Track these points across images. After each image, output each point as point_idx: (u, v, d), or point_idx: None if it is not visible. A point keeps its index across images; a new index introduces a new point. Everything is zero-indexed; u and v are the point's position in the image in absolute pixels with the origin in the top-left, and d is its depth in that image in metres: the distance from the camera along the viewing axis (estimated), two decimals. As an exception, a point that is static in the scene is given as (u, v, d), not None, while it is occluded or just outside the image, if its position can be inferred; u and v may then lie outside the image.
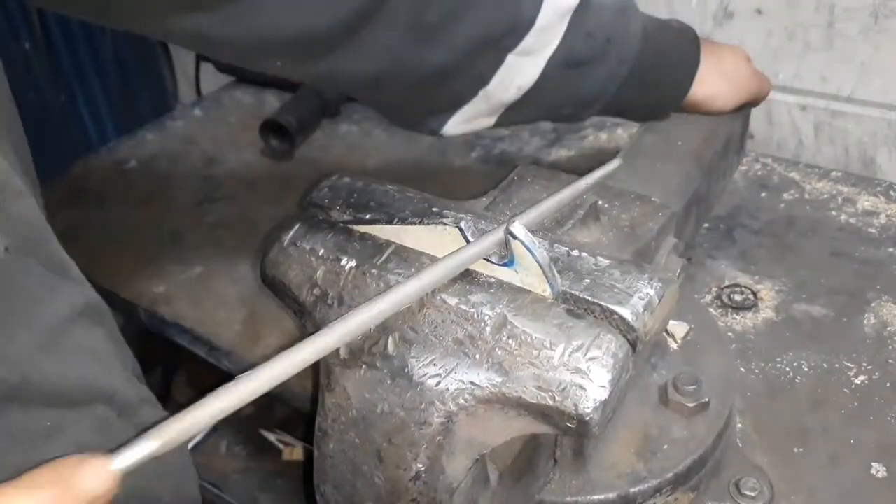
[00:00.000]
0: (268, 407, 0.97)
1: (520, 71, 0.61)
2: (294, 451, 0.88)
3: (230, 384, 0.34)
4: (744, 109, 0.79)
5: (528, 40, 0.59)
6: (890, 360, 0.65)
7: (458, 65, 0.59)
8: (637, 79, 0.66)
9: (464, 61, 0.59)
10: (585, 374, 0.41)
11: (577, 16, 0.61)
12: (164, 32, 0.54)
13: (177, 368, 1.03)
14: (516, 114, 0.66)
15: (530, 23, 0.58)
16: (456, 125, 0.65)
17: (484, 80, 0.61)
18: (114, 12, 0.52)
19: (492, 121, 0.66)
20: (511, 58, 0.60)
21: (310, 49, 0.55)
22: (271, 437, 0.91)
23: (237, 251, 0.83)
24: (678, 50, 0.70)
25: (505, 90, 0.62)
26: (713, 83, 0.72)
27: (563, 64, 0.62)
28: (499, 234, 0.45)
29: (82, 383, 0.42)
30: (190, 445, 0.97)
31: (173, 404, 1.02)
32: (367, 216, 0.52)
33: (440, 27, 0.56)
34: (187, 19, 0.51)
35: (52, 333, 0.41)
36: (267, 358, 0.34)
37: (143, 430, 0.32)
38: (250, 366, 0.34)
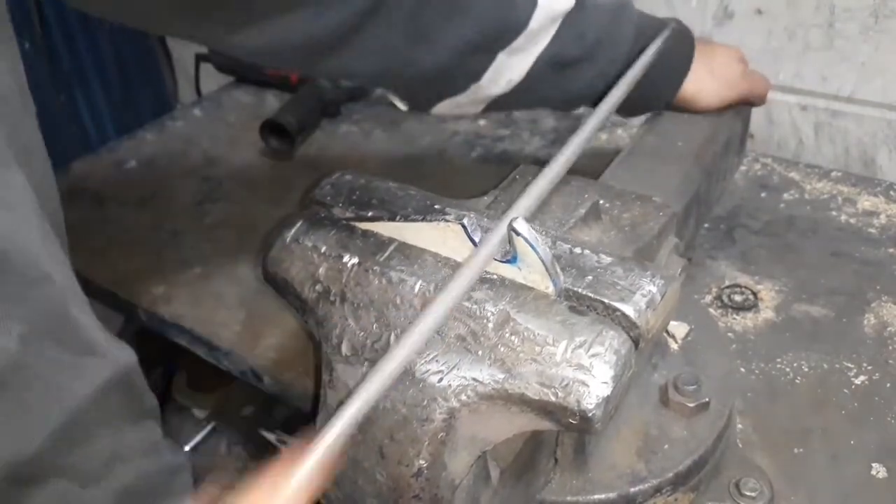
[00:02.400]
0: (268, 407, 0.97)
1: (509, 68, 0.64)
2: (294, 452, 0.88)
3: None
4: (743, 109, 0.79)
5: (520, 40, 0.62)
6: (890, 361, 0.65)
7: (452, 63, 0.62)
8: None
9: (458, 60, 0.62)
10: (588, 371, 0.41)
11: (569, 18, 0.64)
12: (180, 35, 0.57)
13: (177, 368, 1.03)
14: (504, 104, 0.69)
15: (523, 25, 0.61)
16: (444, 108, 0.68)
17: (476, 77, 0.64)
18: (135, 13, 0.54)
19: (479, 108, 0.70)
20: (502, 56, 0.63)
21: (314, 51, 0.58)
22: (271, 437, 0.90)
23: (237, 251, 0.83)
24: (672, 51, 0.72)
25: (495, 85, 0.65)
26: (701, 80, 0.74)
27: (551, 63, 0.65)
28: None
29: (101, 459, 0.42)
30: (188, 446, 0.97)
31: (173, 404, 1.02)
32: (370, 213, 0.52)
33: (436, 28, 0.59)
34: (203, 27, 0.55)
35: (74, 414, 0.40)
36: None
37: None
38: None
